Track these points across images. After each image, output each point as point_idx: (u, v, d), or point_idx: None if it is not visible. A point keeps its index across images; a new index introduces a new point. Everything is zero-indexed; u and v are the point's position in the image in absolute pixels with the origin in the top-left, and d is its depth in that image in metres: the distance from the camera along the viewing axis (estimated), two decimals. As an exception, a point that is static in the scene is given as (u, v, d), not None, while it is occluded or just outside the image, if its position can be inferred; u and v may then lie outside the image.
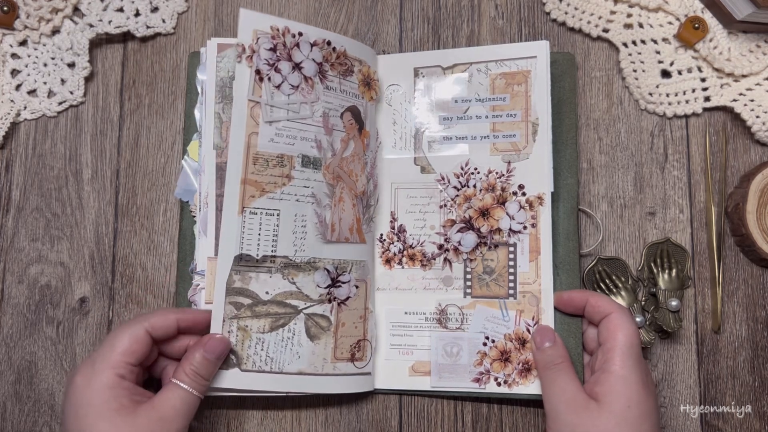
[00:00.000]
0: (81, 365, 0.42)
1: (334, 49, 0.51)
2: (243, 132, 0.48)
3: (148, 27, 0.55)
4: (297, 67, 0.49)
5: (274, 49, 0.49)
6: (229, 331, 0.47)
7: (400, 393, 0.52)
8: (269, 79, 0.48)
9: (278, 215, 0.48)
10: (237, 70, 0.48)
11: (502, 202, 0.50)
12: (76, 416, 0.40)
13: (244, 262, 0.48)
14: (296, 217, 0.49)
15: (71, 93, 0.55)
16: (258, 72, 0.48)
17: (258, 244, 0.48)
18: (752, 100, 0.53)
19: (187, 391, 0.42)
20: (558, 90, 0.52)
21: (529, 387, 0.48)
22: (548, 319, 0.48)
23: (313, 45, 0.50)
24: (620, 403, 0.42)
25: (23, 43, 0.55)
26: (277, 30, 0.49)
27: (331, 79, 0.50)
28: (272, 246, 0.48)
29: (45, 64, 0.55)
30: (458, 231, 0.50)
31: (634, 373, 0.43)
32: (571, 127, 0.52)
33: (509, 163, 0.50)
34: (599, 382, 0.43)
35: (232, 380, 0.47)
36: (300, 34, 0.50)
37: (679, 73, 0.54)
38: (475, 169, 0.51)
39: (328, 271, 0.49)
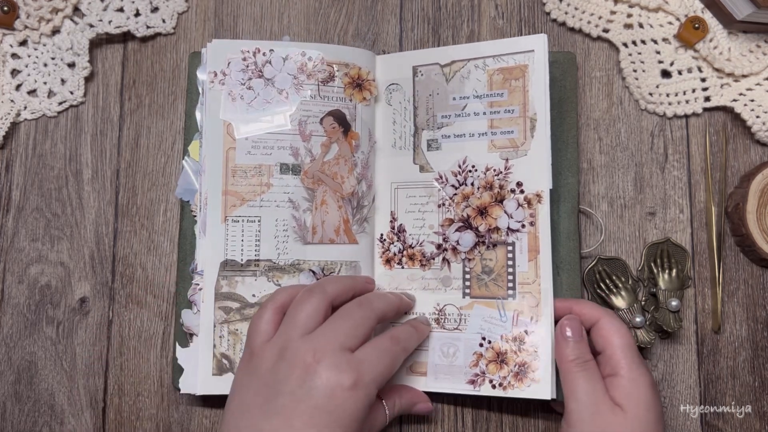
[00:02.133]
0: (355, 378, 0.40)
1: (309, 58, 0.51)
2: (221, 149, 0.50)
3: (148, 27, 0.55)
4: (270, 82, 0.51)
5: (245, 70, 0.51)
6: (220, 336, 0.48)
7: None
8: (242, 98, 0.50)
9: (259, 221, 0.50)
10: (209, 95, 0.50)
11: (500, 200, 0.50)
12: (326, 412, 0.39)
13: (229, 267, 0.49)
14: (277, 222, 0.50)
15: (71, 93, 0.55)
16: (230, 93, 0.50)
17: (242, 250, 0.49)
18: (752, 100, 0.53)
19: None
20: (559, 89, 0.52)
21: (524, 391, 0.47)
22: (547, 319, 0.48)
23: (285, 59, 0.51)
24: (641, 407, 0.42)
25: (23, 43, 0.55)
26: (248, 51, 0.51)
27: (307, 87, 0.51)
28: (255, 251, 0.50)
29: (45, 64, 0.55)
30: (456, 230, 0.50)
31: (644, 375, 0.43)
32: (571, 127, 0.52)
33: (507, 160, 0.50)
34: (612, 387, 0.43)
35: (226, 385, 0.47)
36: (271, 51, 0.51)
37: (679, 73, 0.54)
38: (473, 166, 0.50)
39: (313, 272, 0.50)
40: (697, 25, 0.53)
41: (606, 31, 0.55)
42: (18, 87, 0.55)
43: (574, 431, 0.43)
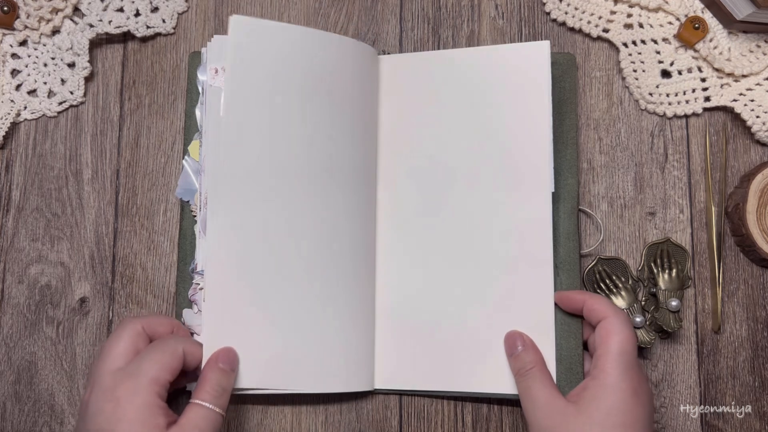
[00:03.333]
0: (122, 379, 0.41)
1: None
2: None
3: (148, 27, 0.55)
4: None
5: None
6: None
7: (400, 393, 0.52)
8: None
9: None
10: (210, 91, 0.49)
11: None
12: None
13: None
14: None
15: (71, 93, 0.55)
16: None
17: None
18: (752, 100, 0.53)
19: (209, 409, 0.42)
20: (558, 90, 0.52)
21: None
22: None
23: None
24: (600, 409, 0.41)
25: (23, 43, 0.55)
26: None
27: None
28: None
29: (45, 64, 0.55)
30: None
31: (624, 381, 0.42)
32: (571, 127, 0.52)
33: None
34: (587, 387, 0.43)
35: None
36: None
37: (679, 73, 0.54)
38: None
39: None
40: (697, 25, 0.53)
41: (606, 31, 0.55)
42: (18, 87, 0.55)
43: None
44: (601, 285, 0.52)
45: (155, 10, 0.56)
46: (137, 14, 0.55)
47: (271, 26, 0.49)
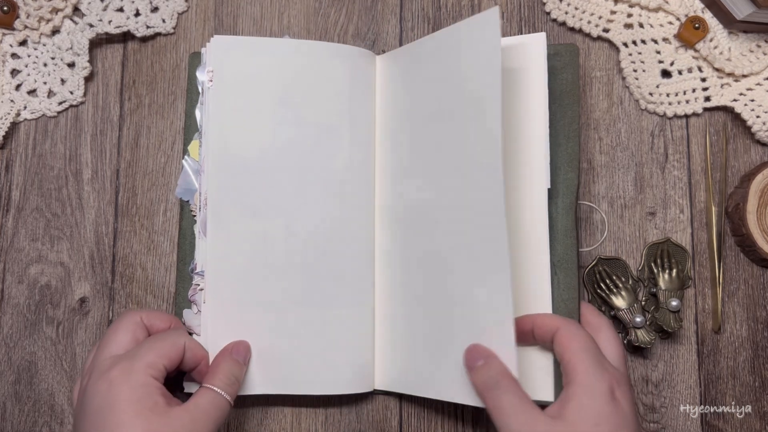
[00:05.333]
0: (118, 361, 0.41)
1: None
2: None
3: (148, 27, 0.55)
4: None
5: None
6: None
7: (401, 393, 0.52)
8: None
9: None
10: (209, 92, 0.50)
11: None
12: (104, 411, 0.39)
13: None
14: None
15: (71, 93, 0.55)
16: None
17: None
18: (752, 100, 0.53)
19: (220, 395, 0.43)
20: (560, 82, 0.50)
21: None
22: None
23: None
24: (587, 421, 0.39)
25: (23, 43, 0.55)
26: None
27: None
28: None
29: (45, 64, 0.55)
30: None
31: (599, 382, 0.40)
32: (573, 120, 0.50)
33: None
34: (567, 398, 0.40)
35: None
36: None
37: (680, 73, 0.54)
38: None
39: None
40: (697, 25, 0.53)
41: (606, 30, 0.55)
42: (18, 87, 0.55)
43: None
44: (601, 285, 0.52)
45: (155, 10, 0.56)
46: (137, 14, 0.55)
47: (252, 42, 0.50)
